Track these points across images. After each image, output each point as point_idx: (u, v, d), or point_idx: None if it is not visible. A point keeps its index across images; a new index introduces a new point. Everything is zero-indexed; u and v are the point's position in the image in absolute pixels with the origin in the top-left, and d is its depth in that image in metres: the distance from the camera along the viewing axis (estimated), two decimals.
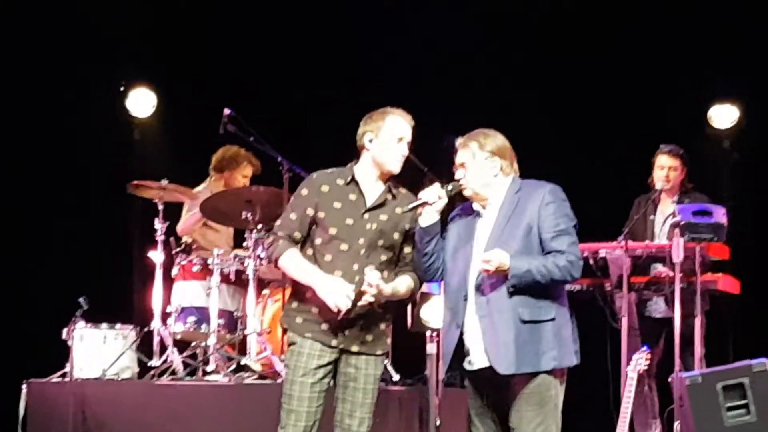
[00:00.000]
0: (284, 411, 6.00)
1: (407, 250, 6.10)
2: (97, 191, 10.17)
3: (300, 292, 6.02)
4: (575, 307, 6.08)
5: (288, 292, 6.34)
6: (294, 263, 5.94)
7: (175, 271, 9.07)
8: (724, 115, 10.45)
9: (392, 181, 6.12)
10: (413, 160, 9.14)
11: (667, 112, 10.13)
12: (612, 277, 8.39)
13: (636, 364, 7.95)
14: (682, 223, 8.11)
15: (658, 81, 10.28)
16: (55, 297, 9.28)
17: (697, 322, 8.19)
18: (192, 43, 10.53)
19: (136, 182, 9.00)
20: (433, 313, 8.26)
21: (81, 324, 8.68)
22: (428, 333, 8.22)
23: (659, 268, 8.50)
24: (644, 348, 8.08)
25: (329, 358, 6.01)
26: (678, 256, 8.02)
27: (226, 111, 8.57)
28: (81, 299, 8.60)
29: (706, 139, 10.49)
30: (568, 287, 8.27)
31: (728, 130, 10.51)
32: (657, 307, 8.70)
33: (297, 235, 5.98)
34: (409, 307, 8.62)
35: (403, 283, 6.09)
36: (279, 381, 8.34)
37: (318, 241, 5.96)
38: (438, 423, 8.18)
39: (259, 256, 8.90)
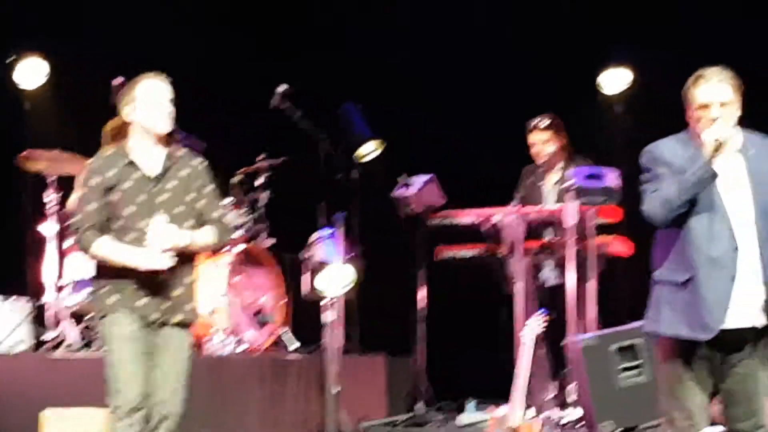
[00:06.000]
0: (111, 382, 5.94)
1: (207, 209, 6.09)
2: None
3: (107, 276, 6.00)
4: (469, 273, 6.09)
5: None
6: (108, 248, 5.93)
7: (68, 243, 8.95)
8: (615, 80, 10.41)
9: (171, 144, 6.13)
10: (308, 129, 9.16)
11: (557, 78, 10.14)
12: (505, 243, 8.43)
13: (531, 328, 7.96)
14: (575, 186, 8.17)
15: (547, 47, 10.30)
16: None
17: (590, 286, 8.27)
18: (85, 11, 10.38)
19: (25, 153, 8.87)
20: (327, 282, 8.29)
21: None
22: (323, 302, 8.24)
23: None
24: (541, 311, 8.08)
25: (144, 333, 5.98)
26: (571, 220, 8.10)
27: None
28: None
29: (597, 105, 10.51)
30: (458, 254, 8.29)
31: (620, 94, 10.49)
32: (549, 276, 8.69)
33: (98, 225, 5.97)
34: (303, 276, 8.65)
35: (201, 234, 6.07)
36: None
37: (118, 224, 5.96)
38: (337, 390, 8.21)
39: None
